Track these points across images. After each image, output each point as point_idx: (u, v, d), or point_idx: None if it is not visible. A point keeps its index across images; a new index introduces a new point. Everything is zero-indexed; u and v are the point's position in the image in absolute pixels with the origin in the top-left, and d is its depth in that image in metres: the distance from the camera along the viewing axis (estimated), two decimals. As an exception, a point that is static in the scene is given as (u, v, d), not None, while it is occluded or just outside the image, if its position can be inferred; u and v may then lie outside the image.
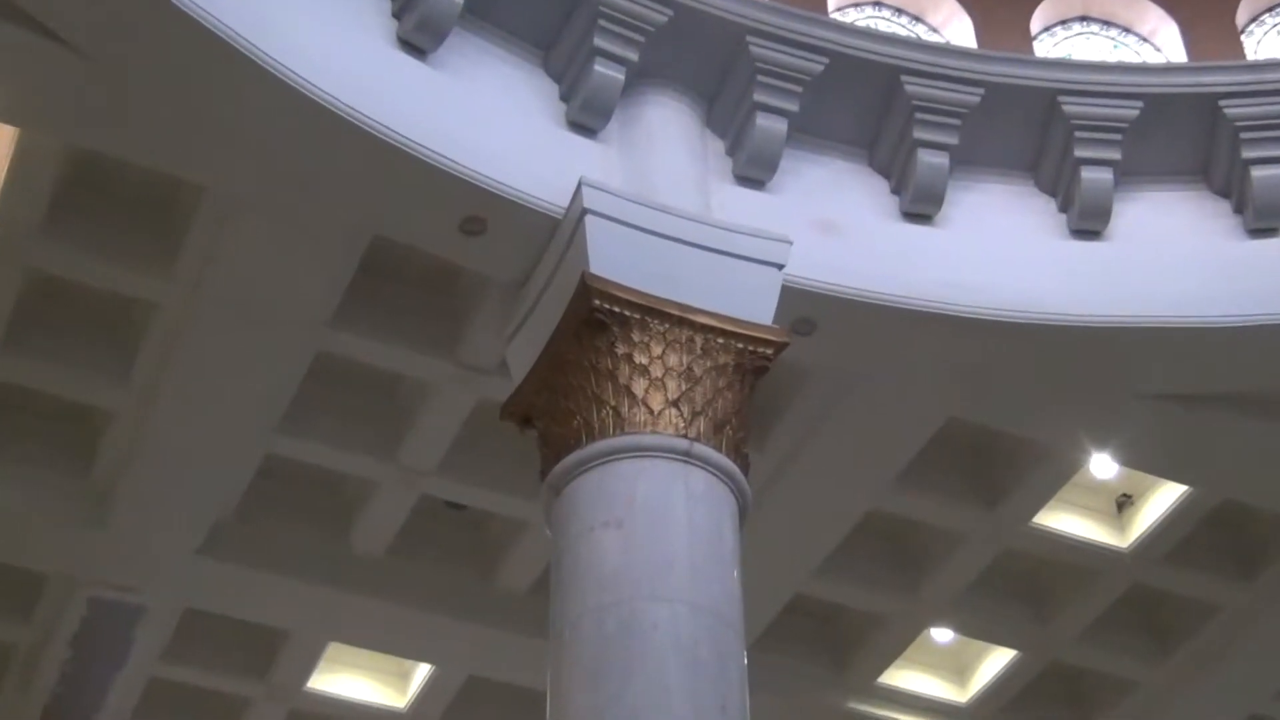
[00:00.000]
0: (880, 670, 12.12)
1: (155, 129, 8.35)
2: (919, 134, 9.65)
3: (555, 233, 8.66)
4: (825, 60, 9.50)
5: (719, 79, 9.56)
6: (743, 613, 7.70)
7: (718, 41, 9.44)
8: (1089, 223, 9.85)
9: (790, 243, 8.81)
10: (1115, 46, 11.11)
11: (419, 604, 11.21)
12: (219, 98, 8.22)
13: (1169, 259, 9.78)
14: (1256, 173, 9.80)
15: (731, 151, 9.57)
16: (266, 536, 10.92)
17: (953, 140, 9.69)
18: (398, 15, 8.82)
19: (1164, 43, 11.06)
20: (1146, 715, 12.19)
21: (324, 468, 10.81)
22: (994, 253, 9.67)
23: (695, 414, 8.07)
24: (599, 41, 9.14)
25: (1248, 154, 9.83)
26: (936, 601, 11.70)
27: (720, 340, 8.34)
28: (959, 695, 12.43)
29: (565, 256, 8.54)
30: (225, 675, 11.91)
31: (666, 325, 8.27)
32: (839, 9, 10.65)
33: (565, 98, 9.27)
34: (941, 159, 9.66)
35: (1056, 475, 10.90)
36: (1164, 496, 11.30)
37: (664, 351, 8.20)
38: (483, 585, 11.40)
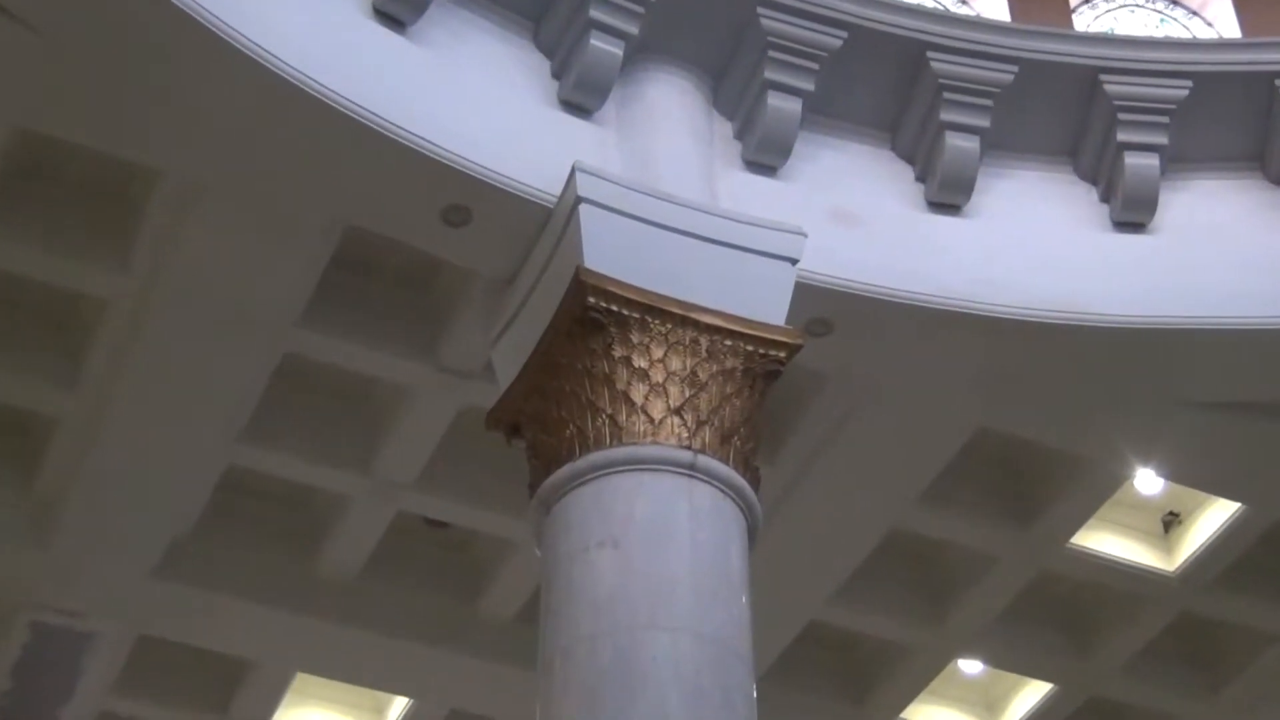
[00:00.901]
0: (903, 705, 12.13)
1: (107, 108, 8.35)
2: (947, 116, 9.64)
3: (546, 223, 8.65)
4: (844, 34, 9.50)
5: (727, 55, 9.55)
6: (751, 642, 7.69)
7: (725, 13, 9.45)
8: (1133, 213, 9.85)
9: (805, 235, 8.80)
10: (1162, 21, 11.12)
11: (395, 631, 11.21)
12: (177, 74, 8.20)
13: (1221, 253, 9.78)
14: (1319, 159, 9.85)
15: (740, 135, 9.57)
16: (228, 557, 10.91)
17: (984, 123, 9.68)
18: (373, -18, 8.84)
19: (1215, 17, 11.06)
20: (1195, 755, 12.21)
21: (291, 481, 10.82)
22: (1029, 246, 9.67)
23: (700, 423, 8.06)
24: (595, 13, 9.13)
25: (1308, 138, 9.86)
26: (965, 630, 11.70)
27: (728, 342, 8.33)
28: (989, 733, 12.45)
29: (557, 249, 8.54)
30: (182, 709, 11.90)
31: (668, 325, 8.27)
32: (859, -22, 10.67)
33: (558, 74, 9.27)
34: (971, 143, 9.66)
35: (1097, 491, 10.90)
36: (1215, 515, 11.30)
37: (665, 354, 8.20)
38: (465, 611, 11.41)
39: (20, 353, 9.92)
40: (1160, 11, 11.16)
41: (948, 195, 9.70)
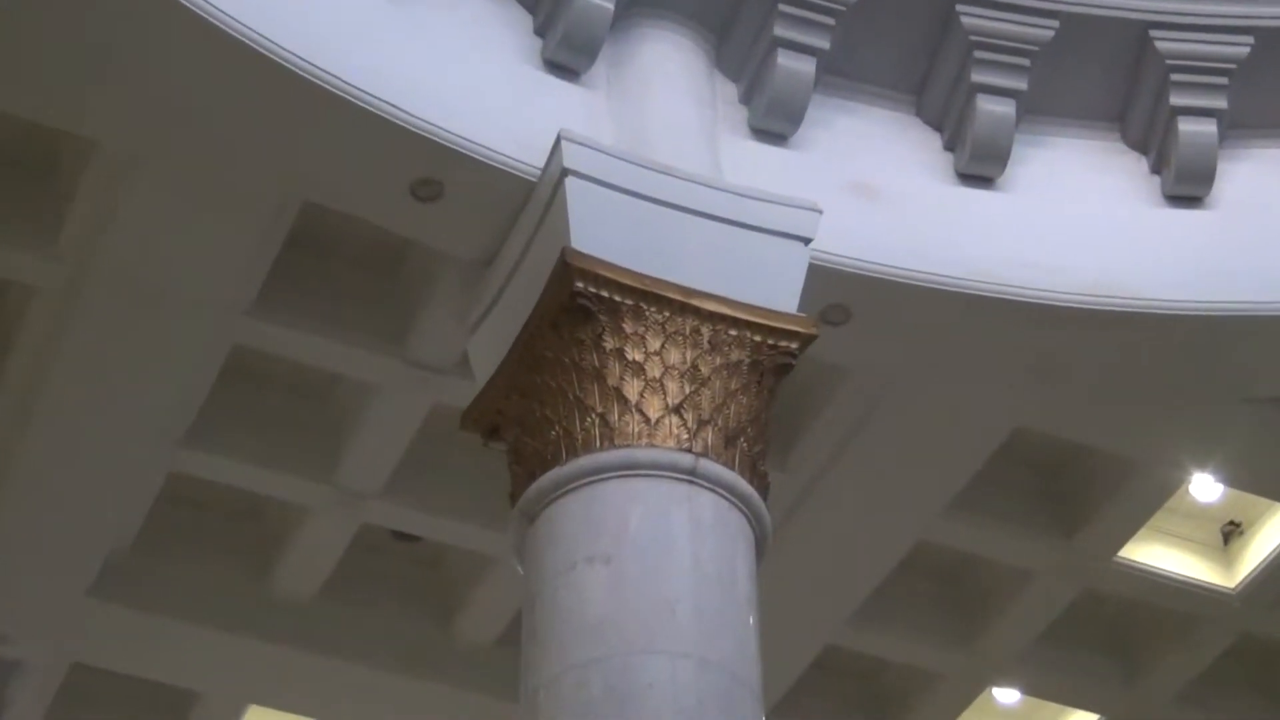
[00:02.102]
0: (931, 739, 12.14)
1: (29, 70, 8.32)
2: (979, 76, 9.63)
3: (528, 199, 8.65)
4: (863, -15, 9.51)
5: (731, 8, 9.53)
6: (761, 670, 7.70)
7: (729, -39, 9.46)
8: (1188, 186, 9.85)
9: (819, 211, 8.80)
10: (1220, -31, 11.11)
11: (359, 658, 11.25)
12: (111, 31, 8.18)
13: (1287, 230, 9.82)
14: (1399, 124, 9.86)
15: (747, 98, 9.57)
16: (171, 575, 10.94)
17: (1020, 84, 9.67)
18: (332, -72, 8.83)
19: (1281, -36, 11.06)
20: (1257, 795, 12.25)
21: (242, 490, 10.84)
22: (1070, 223, 9.68)
23: (702, 423, 8.06)
24: (582, -39, 9.14)
25: (1387, 101, 9.87)
26: (1000, 654, 11.73)
27: (733, 332, 8.33)
28: (1027, 769, 12.47)
29: (540, 228, 8.54)
30: (121, 745, 11.91)
31: (666, 314, 8.26)
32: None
33: (541, 31, 9.26)
34: (1006, 107, 9.65)
35: (1148, 499, 10.94)
36: (1280, 525, 11.34)
37: (663, 346, 8.20)
38: (439, 635, 11.45)
39: (-65, 347, 9.97)
40: (1218, -41, 11.16)
41: (980, 166, 9.70)
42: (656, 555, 7.68)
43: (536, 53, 9.20)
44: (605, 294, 8.19)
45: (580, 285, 8.16)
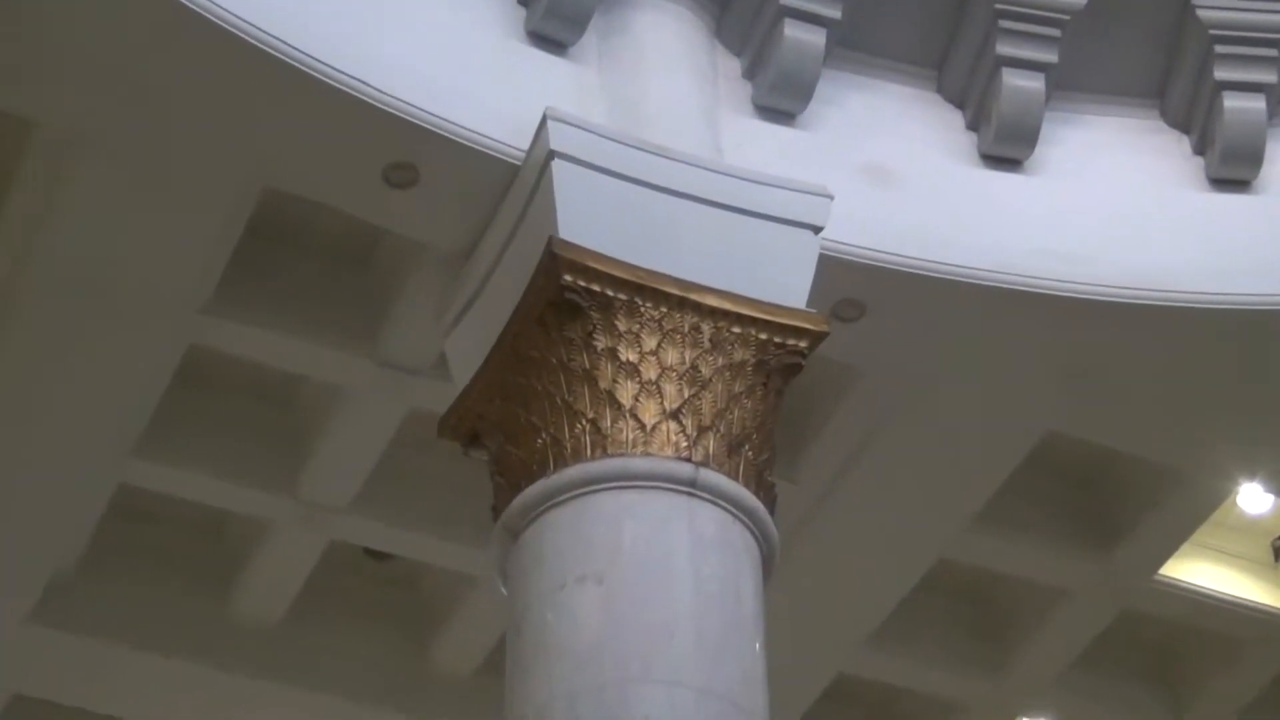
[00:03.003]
0: (954, 775, 12.17)
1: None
2: (1004, 49, 9.66)
3: (512, 184, 8.66)
4: (878, -51, 9.55)
5: (733, -26, 9.58)
6: (767, 699, 7.70)
7: (730, -77, 9.49)
8: (1234, 168, 9.87)
9: (831, 197, 8.82)
10: (1268, -70, 11.13)
11: (327, 688, 11.25)
12: (49, 2, 8.18)
13: (1343, 216, 9.84)
14: None
15: (751, 73, 9.59)
16: (120, 598, 10.94)
17: (1050, 57, 9.69)
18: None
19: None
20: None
21: (198, 504, 10.84)
22: (1106, 209, 9.70)
23: (702, 430, 8.07)
24: (570, -77, 9.16)
25: None
26: (1031, 682, 11.74)
27: (736, 329, 8.34)
28: (1061, 807, 12.48)
29: (525, 216, 8.55)
30: (66, 784, 11.92)
31: (663, 309, 8.27)
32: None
33: (525, 1, 9.25)
34: (1035, 82, 9.67)
35: (1192, 511, 10.94)
36: (1337, 539, 11.39)
37: (660, 345, 8.21)
38: (415, 662, 11.45)
39: None
40: (1266, -81, 11.18)
41: (1006, 147, 9.72)
42: (653, 574, 7.68)
43: (520, 24, 9.21)
44: (596, 288, 8.19)
45: (569, 278, 8.16)
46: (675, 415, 8.05)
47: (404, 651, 11.43)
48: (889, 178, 9.46)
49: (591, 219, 8.34)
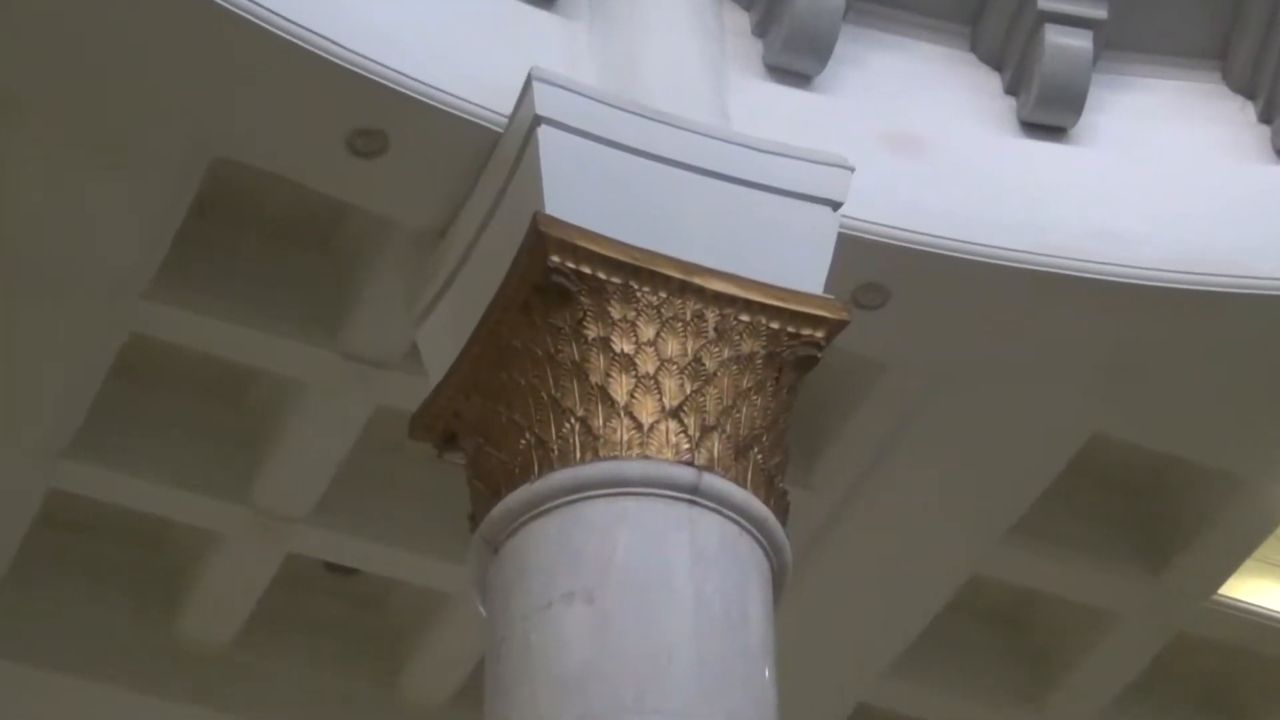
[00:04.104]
0: (988, 818, 12.18)
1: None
2: (1047, 3, 9.67)
3: (493, 153, 8.67)
4: (905, -111, 9.58)
5: (741, -81, 9.60)
6: (779, 732, 7.72)
7: None
8: (1306, 139, 9.93)
9: (851, 169, 8.82)
10: None
11: (284, 718, 11.24)
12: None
13: None
14: None
15: (762, 30, 9.61)
16: (50, 617, 10.97)
17: (1099, 12, 9.71)
18: None
19: None
20: None
21: (139, 512, 10.84)
22: (1161, 184, 9.72)
23: (706, 430, 8.06)
24: None
25: None
26: (1073, 713, 11.75)
27: (744, 317, 8.34)
28: None
29: (507, 189, 8.55)
30: (-10, 827, 11.94)
31: (663, 294, 8.26)
32: None
33: (507, -51, 9.28)
34: (1082, 41, 9.69)
35: (1254, 524, 10.95)
36: None
37: (658, 335, 8.21)
38: (382, 689, 11.48)
39: None
40: None
41: (1049, 113, 9.74)
42: (649, 592, 7.67)
43: (503, -27, 9.24)
44: (587, 270, 8.18)
45: (556, 259, 8.14)
46: (675, 414, 8.04)
47: (370, 678, 11.45)
48: (916, 147, 9.47)
49: (582, 193, 8.33)
